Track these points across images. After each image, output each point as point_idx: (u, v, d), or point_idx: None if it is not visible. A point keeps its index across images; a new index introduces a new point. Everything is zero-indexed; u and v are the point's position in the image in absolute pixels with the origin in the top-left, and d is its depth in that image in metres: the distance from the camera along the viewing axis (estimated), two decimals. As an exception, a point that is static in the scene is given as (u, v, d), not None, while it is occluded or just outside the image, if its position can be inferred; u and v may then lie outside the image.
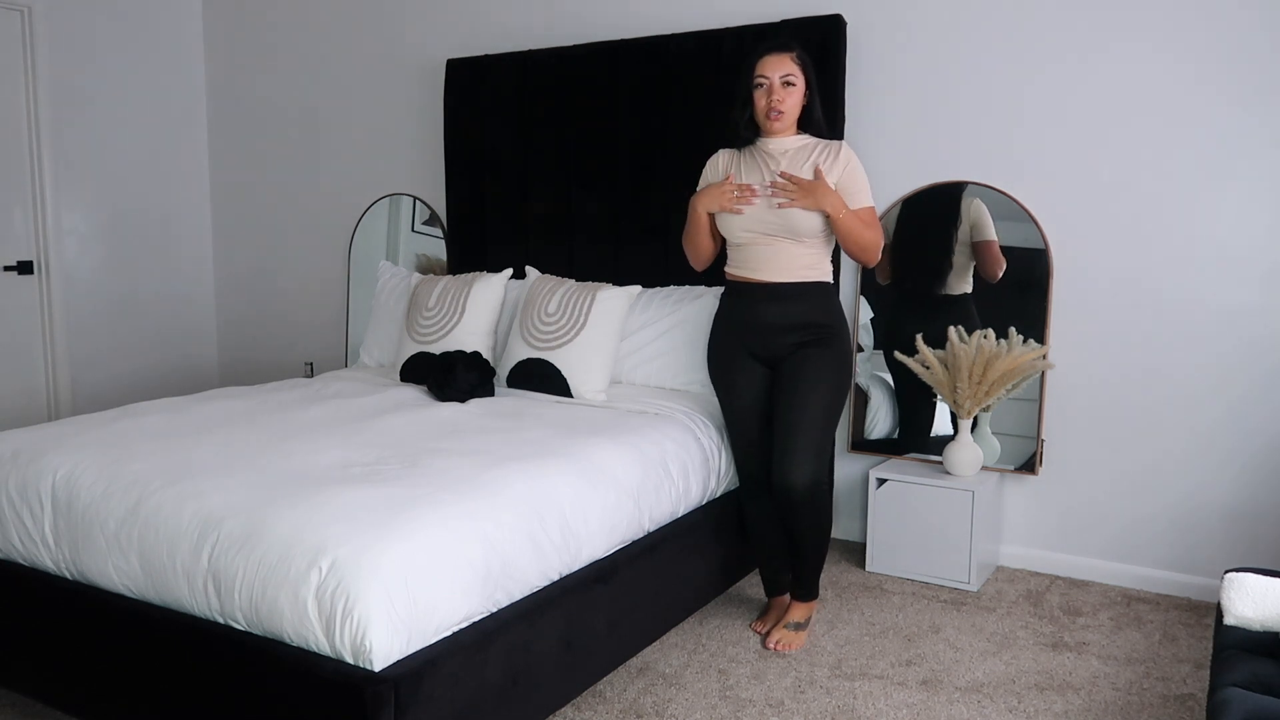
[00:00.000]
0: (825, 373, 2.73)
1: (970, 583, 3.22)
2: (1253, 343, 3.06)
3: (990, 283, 3.35)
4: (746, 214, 2.75)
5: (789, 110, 2.70)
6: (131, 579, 2.14)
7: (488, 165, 4.11)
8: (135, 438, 2.54)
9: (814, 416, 2.70)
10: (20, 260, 4.35)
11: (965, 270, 3.38)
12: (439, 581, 1.92)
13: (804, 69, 2.71)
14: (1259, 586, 1.92)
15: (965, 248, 3.38)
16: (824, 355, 2.74)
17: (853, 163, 2.73)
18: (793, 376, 2.74)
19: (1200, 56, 3.04)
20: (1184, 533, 3.19)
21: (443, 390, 3.15)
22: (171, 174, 4.96)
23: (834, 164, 2.70)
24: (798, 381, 2.72)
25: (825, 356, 2.74)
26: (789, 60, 2.68)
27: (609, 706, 2.48)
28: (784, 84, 2.68)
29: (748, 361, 2.82)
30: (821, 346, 2.74)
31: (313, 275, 4.90)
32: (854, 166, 2.73)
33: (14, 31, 4.26)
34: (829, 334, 2.76)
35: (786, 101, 2.69)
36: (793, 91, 2.69)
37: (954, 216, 3.36)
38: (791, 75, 2.68)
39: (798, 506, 2.72)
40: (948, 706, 2.48)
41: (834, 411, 2.78)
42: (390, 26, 4.50)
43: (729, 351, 2.85)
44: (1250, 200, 3.03)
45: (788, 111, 2.70)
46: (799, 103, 2.72)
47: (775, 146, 2.76)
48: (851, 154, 2.74)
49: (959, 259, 3.38)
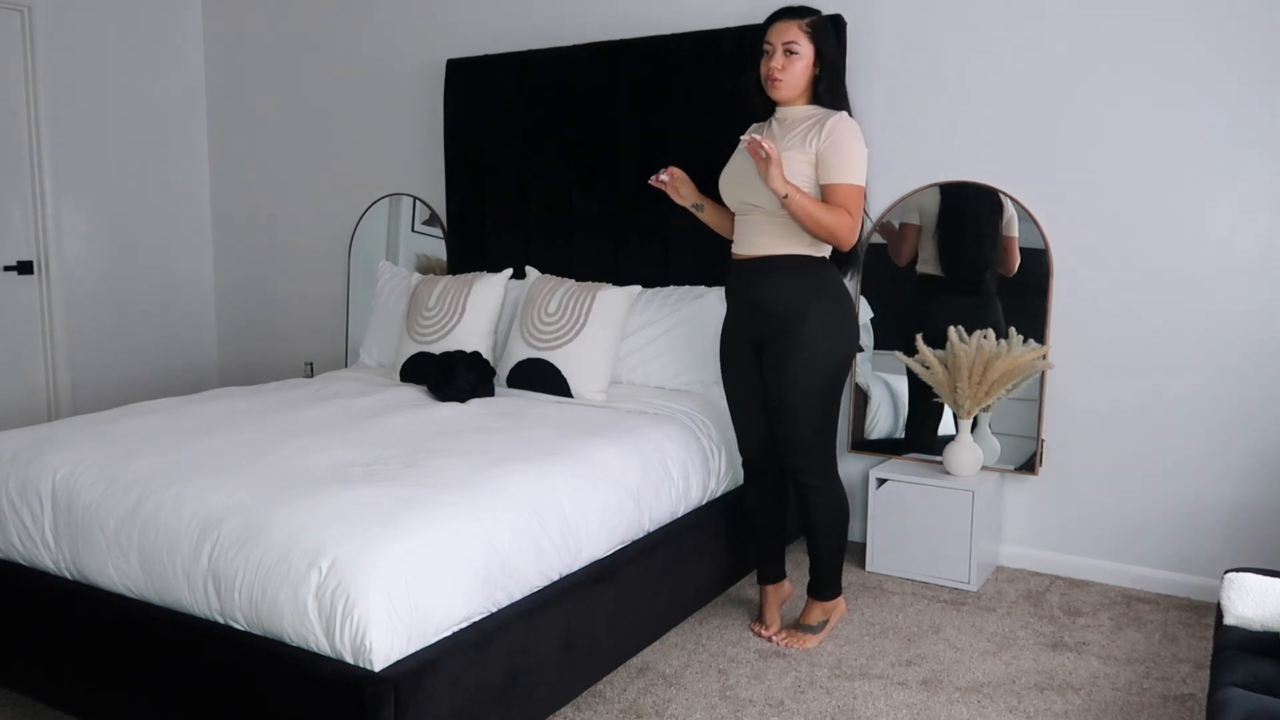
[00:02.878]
0: (812, 353, 2.63)
1: (970, 583, 3.22)
2: (1253, 343, 3.06)
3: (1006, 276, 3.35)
4: (728, 179, 2.74)
5: (788, 79, 2.62)
6: (131, 579, 2.14)
7: (488, 165, 4.11)
8: (135, 438, 2.54)
9: (807, 401, 2.65)
10: (20, 260, 4.35)
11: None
12: (439, 581, 1.93)
13: (814, 39, 2.62)
14: (1259, 586, 1.92)
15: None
16: (798, 342, 2.63)
17: (837, 134, 2.56)
18: (779, 358, 2.66)
19: (1200, 57, 3.04)
20: (1184, 533, 3.19)
21: (443, 390, 3.15)
22: (171, 174, 4.96)
23: (818, 133, 2.59)
24: (785, 364, 2.65)
25: (799, 344, 2.63)
26: (795, 28, 2.60)
27: (609, 706, 2.48)
28: (786, 51, 2.61)
29: (741, 340, 2.78)
30: (807, 325, 2.63)
31: (313, 275, 4.90)
32: (838, 139, 2.56)
33: (14, 31, 4.26)
34: (814, 312, 2.63)
35: (787, 70, 2.61)
36: (795, 60, 2.61)
37: (999, 207, 3.33)
38: (795, 43, 2.60)
39: (808, 493, 2.72)
40: (948, 706, 2.48)
41: (827, 392, 2.68)
42: (390, 26, 4.50)
43: (727, 330, 2.84)
44: (1251, 201, 3.03)
45: (786, 80, 2.62)
46: (803, 72, 2.62)
47: (783, 115, 2.70)
48: (843, 125, 2.58)
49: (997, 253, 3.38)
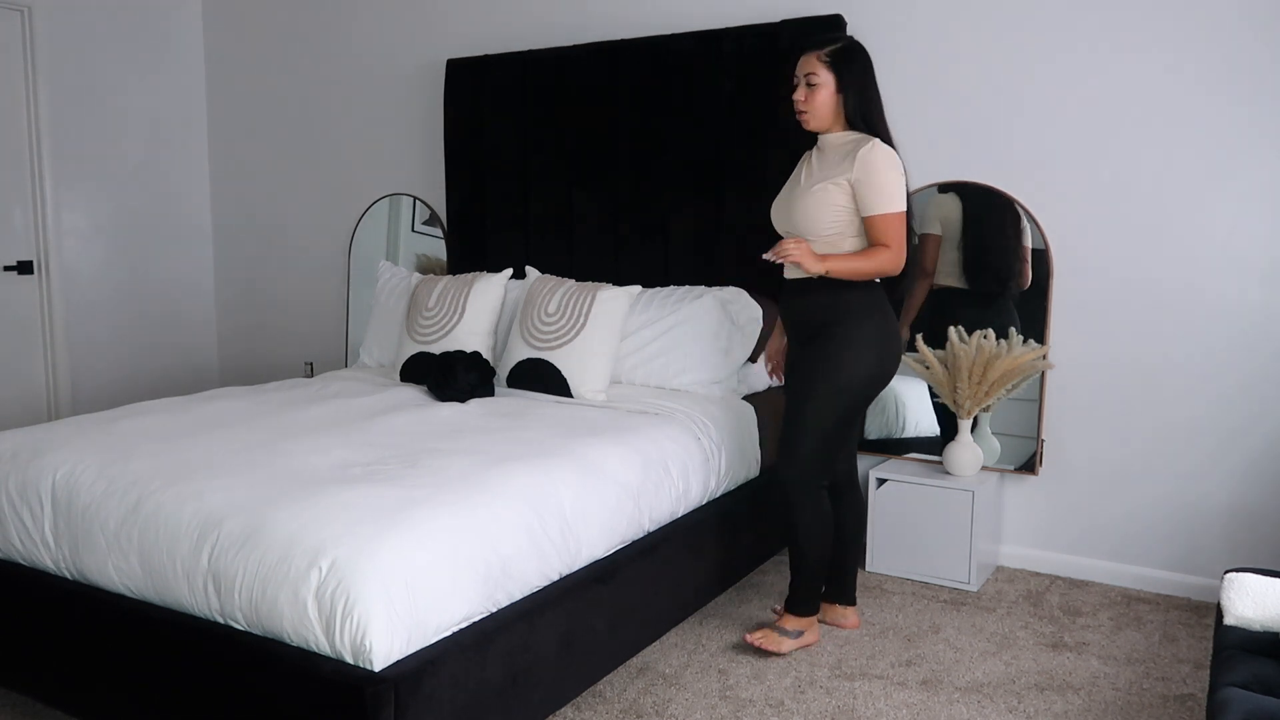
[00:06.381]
0: (822, 371, 2.67)
1: (970, 583, 3.22)
2: (1253, 343, 3.06)
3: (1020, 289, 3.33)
4: (775, 208, 2.84)
5: (812, 109, 2.70)
6: (131, 579, 2.14)
7: (488, 165, 4.11)
8: (135, 438, 2.54)
9: (822, 417, 2.68)
10: (20, 260, 4.35)
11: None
12: (439, 581, 1.92)
13: (833, 68, 2.68)
14: (1259, 586, 1.92)
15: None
16: (822, 354, 2.68)
17: (870, 164, 2.61)
18: (809, 370, 2.72)
19: (1200, 56, 3.04)
20: (1184, 533, 3.19)
21: (443, 390, 3.15)
22: (171, 174, 4.96)
23: (850, 164, 2.64)
24: (813, 377, 2.70)
25: (823, 356, 2.68)
26: (814, 59, 2.69)
27: (609, 706, 2.48)
28: (807, 84, 2.70)
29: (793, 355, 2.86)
30: (822, 345, 2.68)
31: (313, 275, 4.90)
32: (871, 169, 2.60)
33: (14, 31, 4.26)
34: (831, 333, 2.68)
35: (810, 101, 2.70)
36: (816, 91, 2.68)
37: (1018, 217, 3.31)
38: (814, 74, 2.68)
39: (785, 506, 2.75)
40: (948, 706, 2.48)
41: (844, 413, 2.71)
42: (390, 26, 4.50)
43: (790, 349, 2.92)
44: (1250, 200, 3.03)
45: (811, 110, 2.70)
46: (827, 102, 2.69)
47: (822, 143, 2.79)
48: (875, 154, 2.62)
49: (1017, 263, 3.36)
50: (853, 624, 2.94)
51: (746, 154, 3.55)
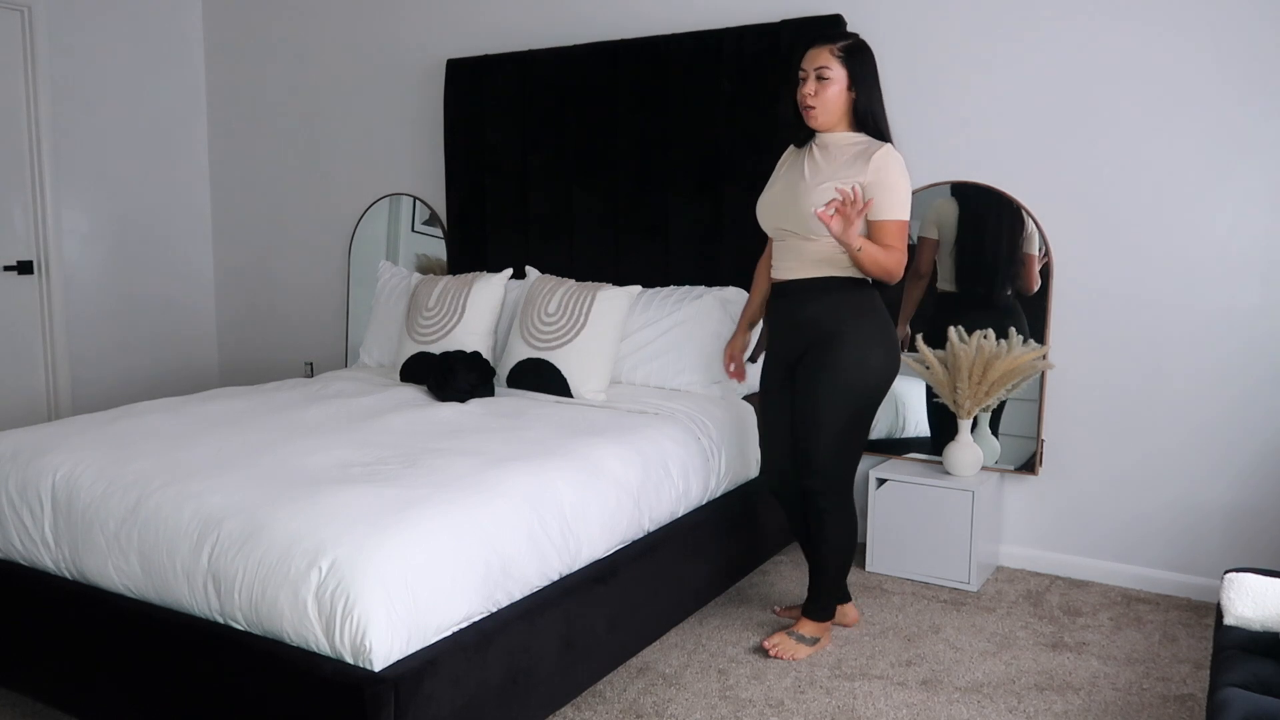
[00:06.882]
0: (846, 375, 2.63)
1: (970, 583, 3.22)
2: (1253, 343, 3.06)
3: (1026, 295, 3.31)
4: (766, 206, 2.75)
5: (821, 105, 2.62)
6: (131, 579, 2.14)
7: (488, 165, 4.11)
8: (135, 438, 2.54)
9: (834, 422, 2.65)
10: (20, 260, 4.35)
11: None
12: (439, 581, 1.93)
13: (846, 63, 2.61)
14: (1259, 586, 1.92)
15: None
16: (828, 358, 2.64)
17: (885, 169, 2.57)
18: (813, 376, 2.67)
19: (1201, 57, 3.04)
20: (1184, 533, 3.19)
21: (443, 390, 3.15)
22: (171, 173, 4.96)
23: (864, 170, 2.59)
24: (817, 383, 2.65)
25: (829, 360, 2.64)
26: (826, 53, 2.60)
27: (609, 706, 2.48)
28: (818, 77, 2.61)
29: (778, 365, 2.80)
30: (825, 348, 2.64)
31: (313, 275, 4.90)
32: (886, 174, 2.57)
33: (14, 31, 4.26)
34: (853, 333, 2.63)
35: (819, 96, 2.61)
36: (827, 85, 2.60)
37: (1020, 223, 3.30)
38: (826, 69, 2.59)
39: (821, 516, 2.72)
40: (948, 707, 2.48)
41: (856, 416, 2.68)
42: (390, 26, 4.50)
43: (767, 354, 2.87)
44: (1250, 201, 3.03)
45: (819, 106, 2.62)
46: (836, 98, 2.62)
47: (824, 141, 2.70)
48: (890, 160, 2.58)
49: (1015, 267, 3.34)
50: (853, 619, 2.94)
51: (746, 154, 3.55)
